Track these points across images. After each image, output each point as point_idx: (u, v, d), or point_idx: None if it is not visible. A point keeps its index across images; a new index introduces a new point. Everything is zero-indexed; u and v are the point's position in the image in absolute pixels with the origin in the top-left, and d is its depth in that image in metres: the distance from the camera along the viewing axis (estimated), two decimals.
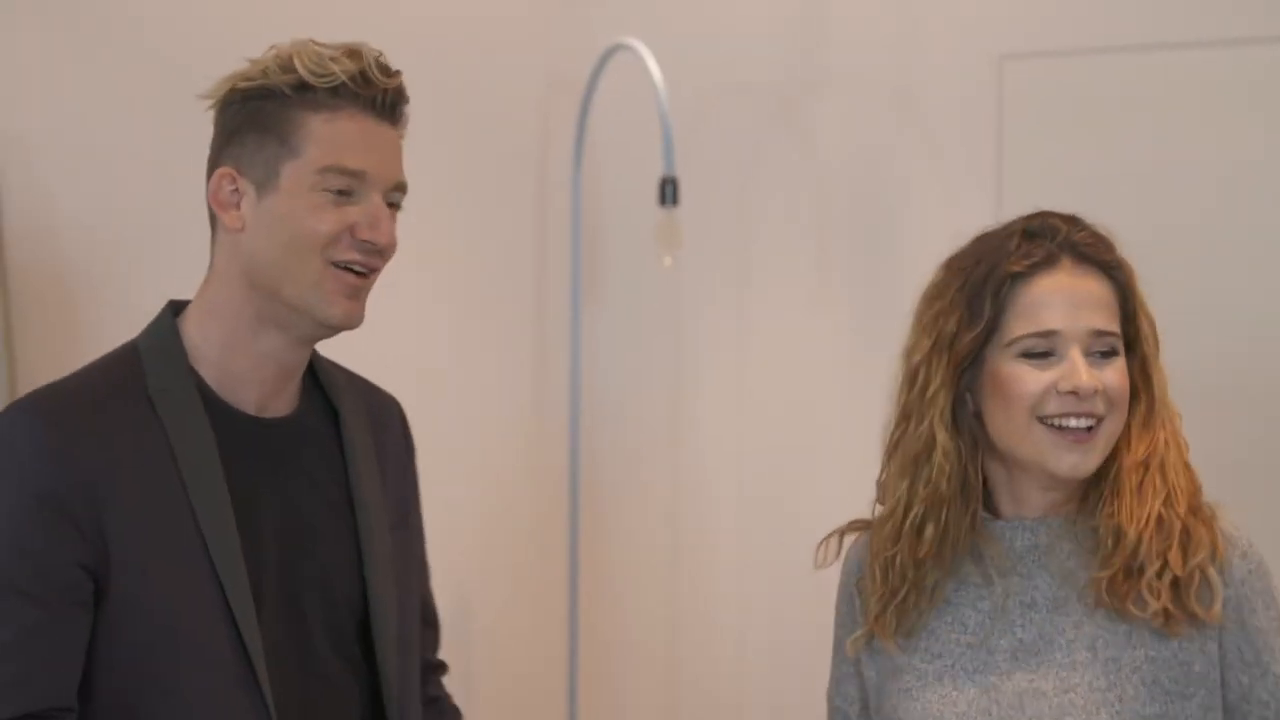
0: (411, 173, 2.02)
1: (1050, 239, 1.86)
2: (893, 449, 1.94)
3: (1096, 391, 1.81)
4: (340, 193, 1.88)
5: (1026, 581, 1.91)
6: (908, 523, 1.89)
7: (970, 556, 1.92)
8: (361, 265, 1.89)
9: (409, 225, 2.02)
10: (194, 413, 1.91)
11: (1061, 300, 1.82)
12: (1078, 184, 3.30)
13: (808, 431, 3.90)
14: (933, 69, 3.80)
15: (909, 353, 1.92)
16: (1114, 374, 1.83)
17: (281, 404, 2.00)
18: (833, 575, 2.07)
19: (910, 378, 1.90)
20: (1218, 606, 1.84)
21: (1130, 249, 1.95)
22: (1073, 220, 1.89)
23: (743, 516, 3.93)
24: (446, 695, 2.26)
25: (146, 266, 3.19)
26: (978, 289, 1.85)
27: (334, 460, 2.03)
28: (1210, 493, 1.97)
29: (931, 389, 1.87)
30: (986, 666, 1.89)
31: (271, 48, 1.92)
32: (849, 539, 2.06)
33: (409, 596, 2.09)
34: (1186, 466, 1.91)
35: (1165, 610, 1.82)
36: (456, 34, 3.68)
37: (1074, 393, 1.79)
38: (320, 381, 2.07)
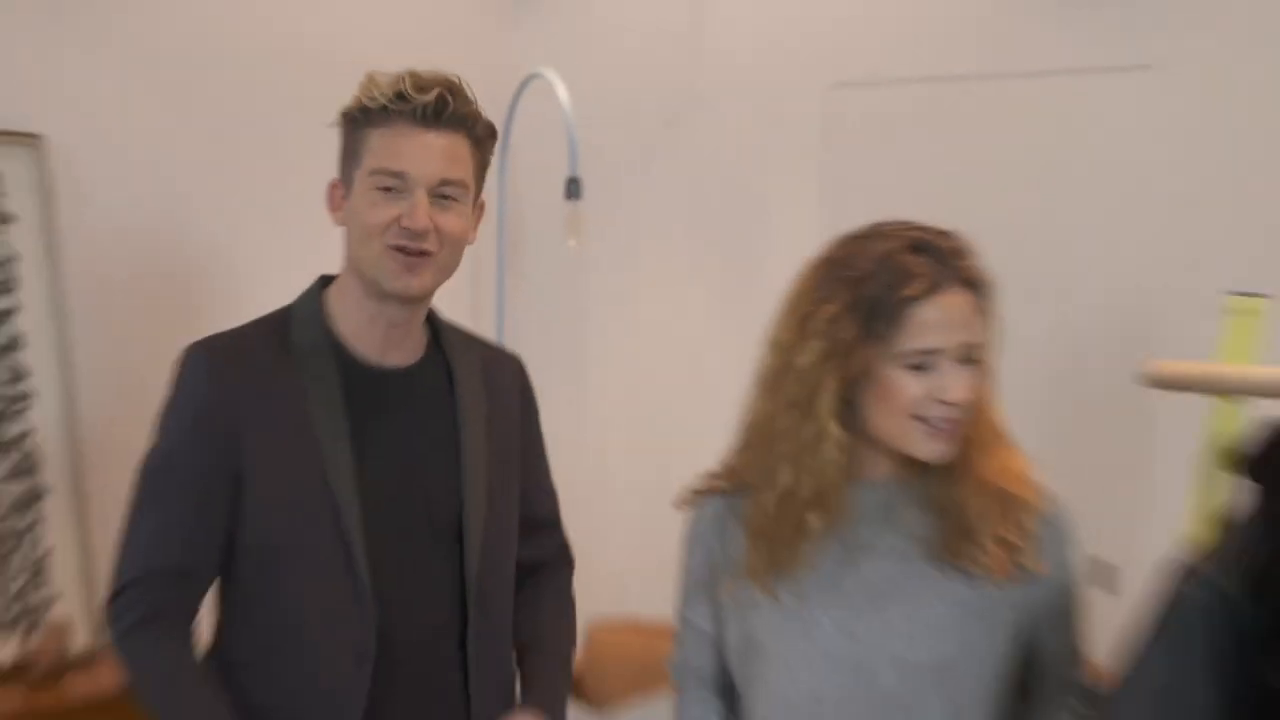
0: None
1: (938, 262, 1.82)
2: (770, 435, 1.91)
3: (964, 401, 1.82)
4: (389, 190, 1.99)
5: (874, 534, 1.93)
6: (795, 504, 1.88)
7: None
8: (409, 247, 1.99)
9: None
10: (325, 360, 2.05)
11: (946, 322, 1.81)
12: (890, 188, 3.48)
13: (681, 377, 4.04)
14: (777, 93, 3.97)
15: (789, 348, 1.88)
16: (977, 380, 1.85)
17: (400, 357, 2.12)
18: None
19: (798, 376, 1.86)
20: (1038, 560, 1.91)
21: None
22: (946, 236, 1.86)
23: (631, 456, 3.98)
24: (553, 557, 2.37)
25: (179, 260, 3.51)
26: (875, 309, 1.81)
27: (445, 405, 2.12)
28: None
29: (827, 391, 1.84)
30: (841, 603, 1.90)
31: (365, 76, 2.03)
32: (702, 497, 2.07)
33: (501, 515, 2.18)
34: (1005, 434, 1.96)
35: (998, 564, 1.88)
36: (407, 62, 3.15)
37: (949, 402, 1.82)
38: (441, 342, 2.18)
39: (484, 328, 3.61)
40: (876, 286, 1.80)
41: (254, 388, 2.03)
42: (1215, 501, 2.01)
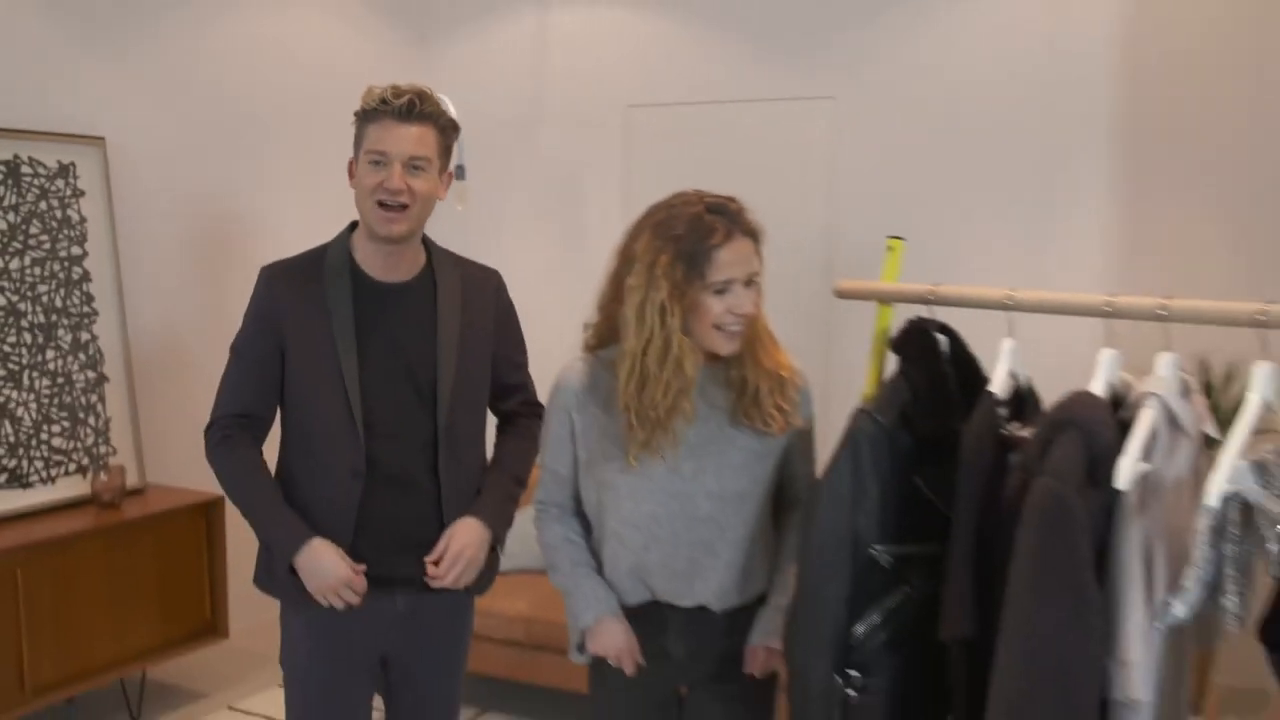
0: (320, 172, 2.16)
1: (729, 219, 1.79)
2: (644, 358, 1.80)
3: (751, 313, 1.85)
4: (376, 164, 2.00)
5: (691, 406, 1.85)
6: (671, 398, 1.80)
7: None
8: (389, 201, 2.01)
9: (327, 198, 2.11)
10: (343, 278, 2.07)
11: (737, 259, 1.79)
12: (670, 176, 2.62)
13: (530, 296, 3.16)
14: (594, 111, 4.12)
15: (644, 289, 1.79)
16: (756, 297, 1.85)
17: (397, 275, 2.11)
18: None
19: (657, 309, 1.78)
20: (799, 418, 1.92)
21: None
22: (732, 200, 1.84)
23: None
24: (519, 410, 2.26)
25: (198, 223, 3.47)
26: (695, 255, 1.77)
27: (429, 307, 2.11)
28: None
29: (676, 317, 1.79)
30: (670, 455, 1.86)
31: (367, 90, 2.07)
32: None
33: (470, 381, 2.13)
34: (771, 333, 1.92)
35: (778, 424, 1.87)
36: (335, 93, 3.51)
37: (738, 314, 1.81)
38: (433, 263, 2.16)
39: None
40: (692, 241, 1.78)
41: (296, 295, 2.05)
42: (878, 370, 2.03)
